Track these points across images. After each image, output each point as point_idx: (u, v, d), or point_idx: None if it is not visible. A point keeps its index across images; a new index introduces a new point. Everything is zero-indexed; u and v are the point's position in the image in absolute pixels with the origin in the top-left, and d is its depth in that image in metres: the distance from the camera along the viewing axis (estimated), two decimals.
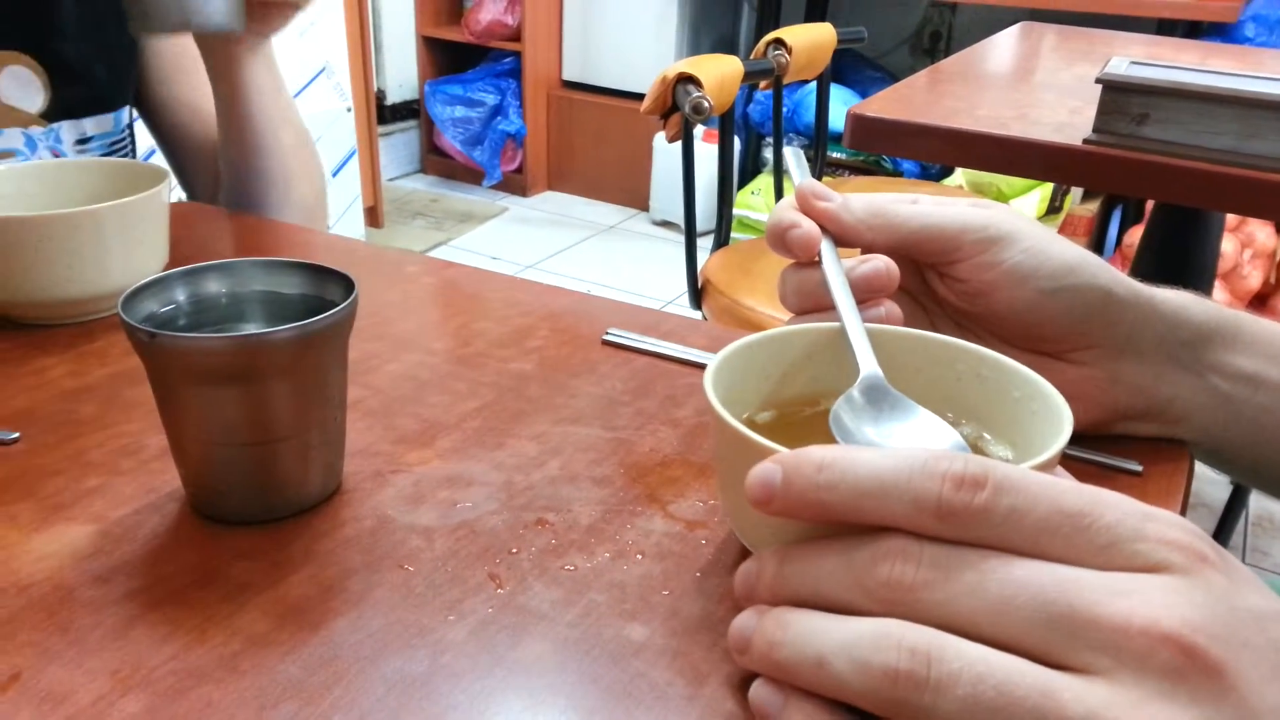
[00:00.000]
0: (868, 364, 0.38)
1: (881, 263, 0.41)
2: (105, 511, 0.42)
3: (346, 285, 0.41)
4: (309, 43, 2.29)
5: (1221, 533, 1.66)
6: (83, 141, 0.79)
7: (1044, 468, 0.33)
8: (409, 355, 0.56)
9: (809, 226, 0.42)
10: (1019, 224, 0.43)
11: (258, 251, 0.71)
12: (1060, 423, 0.35)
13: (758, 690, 0.29)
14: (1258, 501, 1.87)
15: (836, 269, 0.41)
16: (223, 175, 0.80)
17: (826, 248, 0.42)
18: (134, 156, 0.85)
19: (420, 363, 0.55)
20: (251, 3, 0.67)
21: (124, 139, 0.83)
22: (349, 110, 2.48)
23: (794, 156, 0.48)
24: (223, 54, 0.73)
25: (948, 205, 0.44)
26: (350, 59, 2.45)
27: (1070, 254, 0.43)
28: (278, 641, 0.35)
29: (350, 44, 2.45)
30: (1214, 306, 0.46)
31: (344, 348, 0.41)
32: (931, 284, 0.46)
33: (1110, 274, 0.44)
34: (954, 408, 0.41)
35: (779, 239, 0.43)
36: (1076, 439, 0.47)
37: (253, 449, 0.39)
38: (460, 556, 0.40)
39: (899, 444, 0.36)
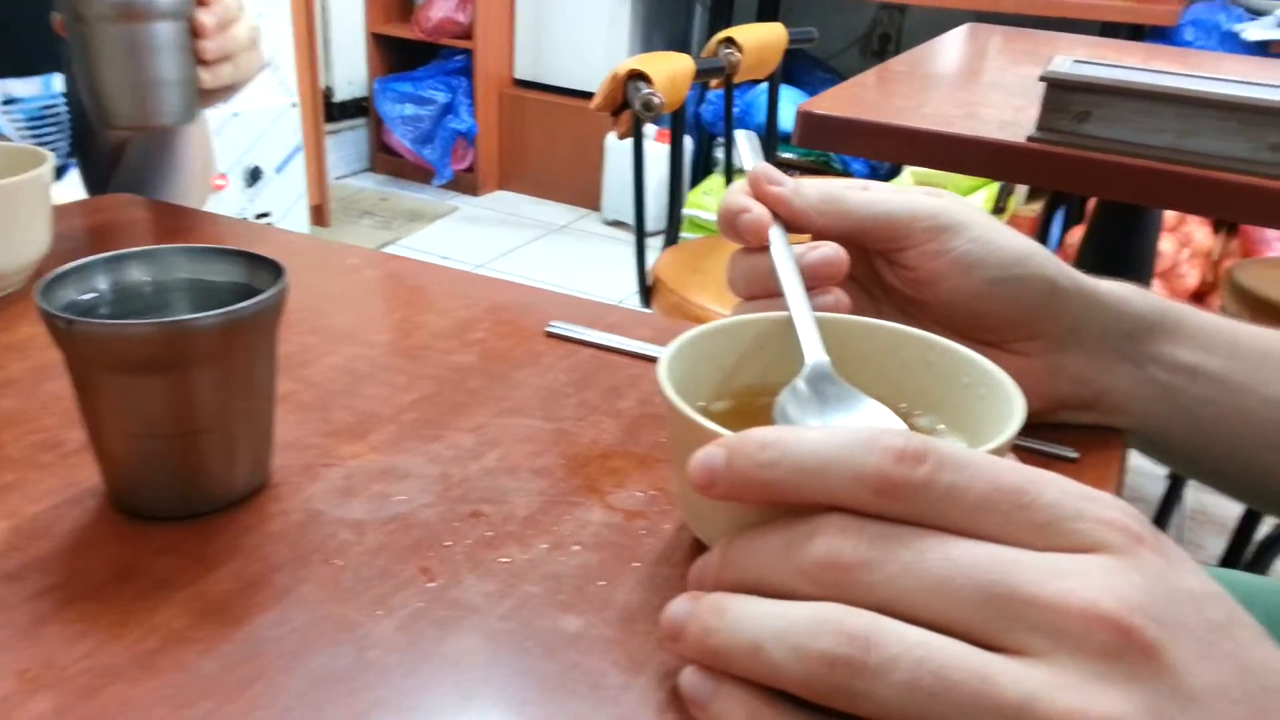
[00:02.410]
0: (813, 353, 0.38)
1: (831, 249, 0.41)
2: (20, 507, 0.40)
3: (276, 272, 0.40)
4: None
5: (1158, 525, 1.69)
6: (10, 103, 0.79)
7: (997, 453, 0.33)
8: (346, 348, 0.55)
9: (760, 211, 0.42)
10: (969, 213, 0.44)
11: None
12: (1011, 407, 0.35)
13: (688, 677, 0.29)
14: (1194, 495, 1.91)
15: (786, 255, 0.41)
16: (122, 170, 0.81)
17: (776, 233, 0.42)
18: (71, 128, 0.84)
19: (358, 355, 0.54)
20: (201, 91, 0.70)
21: (55, 106, 0.82)
22: (294, 106, 2.44)
23: (747, 140, 0.48)
24: None
25: (899, 193, 0.44)
26: (296, 54, 2.41)
27: (1018, 245, 0.43)
28: (197, 638, 0.34)
29: (297, 39, 2.41)
30: (1156, 299, 0.46)
31: (273, 336, 0.40)
32: (880, 271, 0.46)
33: (1056, 266, 0.44)
34: (905, 396, 0.41)
35: (729, 223, 0.43)
36: None
37: (175, 441, 0.38)
38: (391, 550, 0.39)
39: None
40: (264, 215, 2.47)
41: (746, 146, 0.47)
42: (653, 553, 0.40)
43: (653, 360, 0.55)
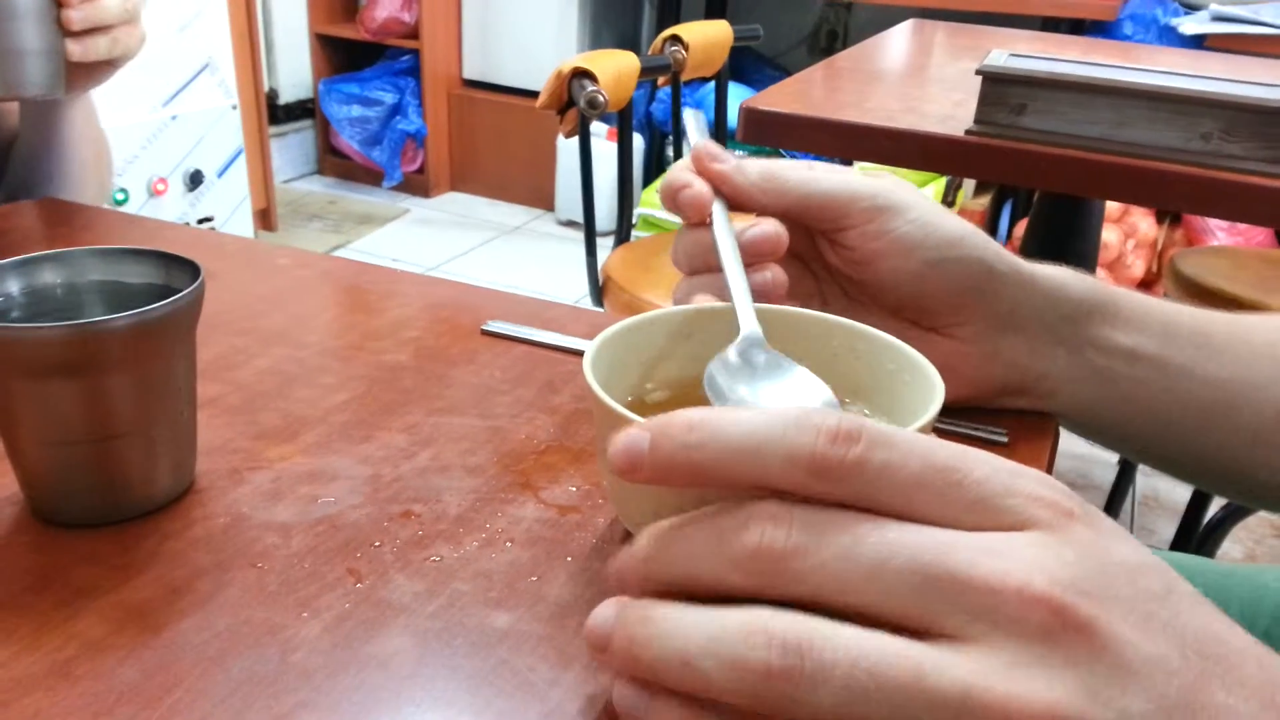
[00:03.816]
0: (748, 324, 0.38)
1: (771, 226, 0.41)
2: None
3: (194, 272, 0.39)
4: (190, 38, 2.21)
5: (1110, 511, 1.72)
6: None
7: (920, 434, 0.33)
8: (276, 350, 0.54)
9: (701, 187, 0.42)
10: (908, 196, 0.44)
11: None
12: (932, 391, 0.35)
13: (620, 691, 0.27)
14: (1144, 481, 1.95)
15: (726, 231, 0.41)
16: (11, 170, 0.79)
17: (718, 209, 0.42)
18: None
19: (288, 357, 0.53)
20: (71, 65, 0.67)
21: None
22: (234, 108, 2.40)
23: (694, 118, 0.48)
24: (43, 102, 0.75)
25: (841, 173, 0.44)
26: (236, 55, 2.37)
27: (956, 228, 0.44)
28: (116, 646, 0.33)
29: (236, 40, 2.37)
30: (1093, 282, 0.46)
31: (190, 337, 0.39)
32: (822, 251, 0.46)
33: (994, 250, 0.44)
34: (833, 383, 0.41)
35: (671, 198, 0.43)
36: (947, 411, 0.47)
37: (93, 446, 0.37)
38: (318, 552, 0.38)
39: (772, 402, 0.35)
40: (206, 220, 2.42)
41: (693, 124, 0.47)
42: (585, 547, 0.39)
43: None
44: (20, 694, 0.31)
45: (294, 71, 3.20)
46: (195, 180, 2.35)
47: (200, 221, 2.39)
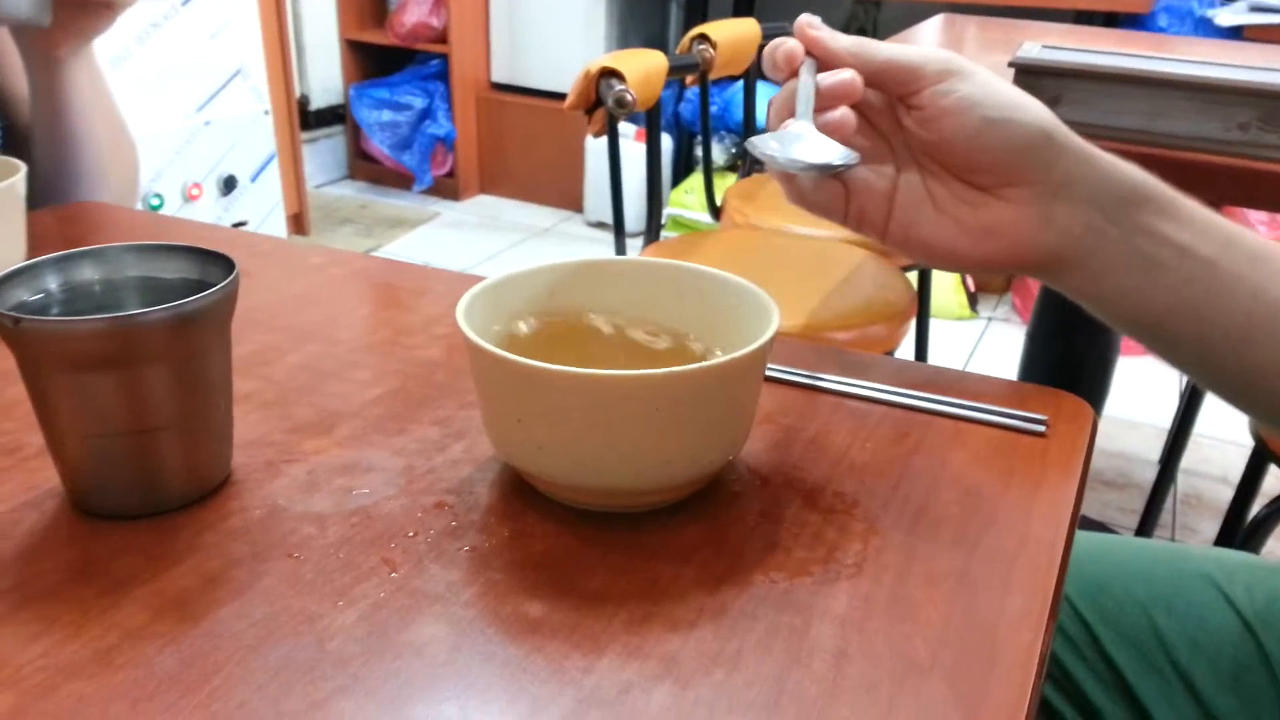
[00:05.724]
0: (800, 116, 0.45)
1: (847, 74, 0.46)
2: None
3: (228, 267, 0.40)
4: (222, 45, 2.23)
5: (1151, 511, 1.70)
6: None
7: (753, 358, 0.39)
8: (310, 346, 0.54)
9: (794, 44, 0.47)
10: (977, 66, 0.47)
11: None
12: (768, 318, 0.41)
13: None
14: (1186, 480, 1.92)
15: (809, 78, 0.46)
16: (36, 167, 0.79)
17: (807, 63, 0.47)
18: None
19: (321, 353, 0.54)
20: (64, 2, 0.67)
21: None
22: (267, 113, 2.42)
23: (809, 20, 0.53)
24: (42, 56, 0.75)
25: (919, 47, 0.48)
26: (268, 61, 2.40)
27: (1017, 94, 0.46)
28: (156, 634, 0.33)
29: (267, 46, 2.39)
30: (1153, 177, 0.47)
31: (225, 331, 0.40)
32: (901, 119, 0.49)
33: (1053, 119, 0.46)
34: (681, 323, 0.48)
35: (770, 56, 0.48)
36: (989, 395, 0.47)
37: (131, 439, 0.38)
38: (354, 543, 0.38)
39: (799, 150, 0.44)
40: (240, 224, 2.45)
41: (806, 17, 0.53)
42: (616, 537, 0.39)
43: None
44: (64, 680, 0.32)
45: (325, 77, 3.23)
46: (229, 185, 2.38)
47: (234, 226, 2.42)
